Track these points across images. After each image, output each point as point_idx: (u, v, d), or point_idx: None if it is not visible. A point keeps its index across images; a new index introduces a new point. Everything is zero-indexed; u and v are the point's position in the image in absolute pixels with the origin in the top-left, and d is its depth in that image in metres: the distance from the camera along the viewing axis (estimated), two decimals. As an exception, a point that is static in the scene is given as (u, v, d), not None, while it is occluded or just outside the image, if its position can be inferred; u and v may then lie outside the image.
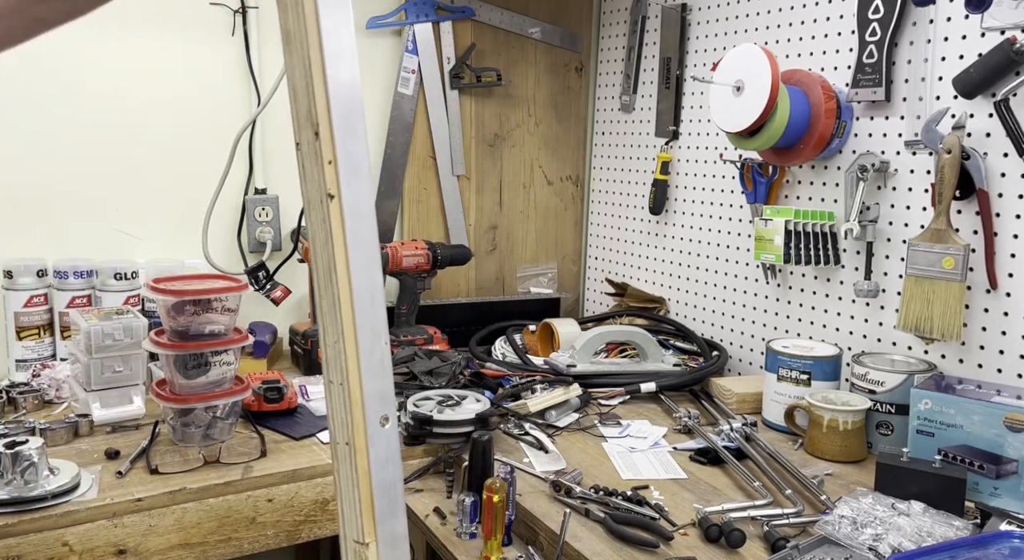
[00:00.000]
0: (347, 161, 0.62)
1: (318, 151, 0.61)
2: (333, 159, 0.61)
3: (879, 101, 1.42)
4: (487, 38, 2.04)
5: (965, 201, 1.30)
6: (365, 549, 0.65)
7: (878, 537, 0.95)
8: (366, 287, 0.63)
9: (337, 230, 0.62)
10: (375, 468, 0.65)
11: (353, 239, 0.62)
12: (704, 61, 1.83)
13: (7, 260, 1.57)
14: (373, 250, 0.63)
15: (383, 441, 0.65)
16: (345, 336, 0.63)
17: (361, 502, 0.65)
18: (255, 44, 1.78)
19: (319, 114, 0.61)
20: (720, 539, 1.01)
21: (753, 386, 1.54)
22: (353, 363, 0.63)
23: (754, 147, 1.51)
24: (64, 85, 1.61)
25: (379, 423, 0.65)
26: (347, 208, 0.62)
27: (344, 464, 0.65)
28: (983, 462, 1.11)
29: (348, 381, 0.63)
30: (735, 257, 1.77)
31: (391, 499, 0.66)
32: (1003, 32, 1.23)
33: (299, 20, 0.60)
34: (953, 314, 1.25)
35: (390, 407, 0.65)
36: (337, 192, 0.62)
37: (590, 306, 2.28)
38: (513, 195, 2.16)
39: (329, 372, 0.65)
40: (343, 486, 0.65)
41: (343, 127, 0.62)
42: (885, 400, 1.30)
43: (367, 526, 0.65)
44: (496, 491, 0.99)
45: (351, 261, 0.62)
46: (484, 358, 1.73)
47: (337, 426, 0.65)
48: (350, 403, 0.64)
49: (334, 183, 0.62)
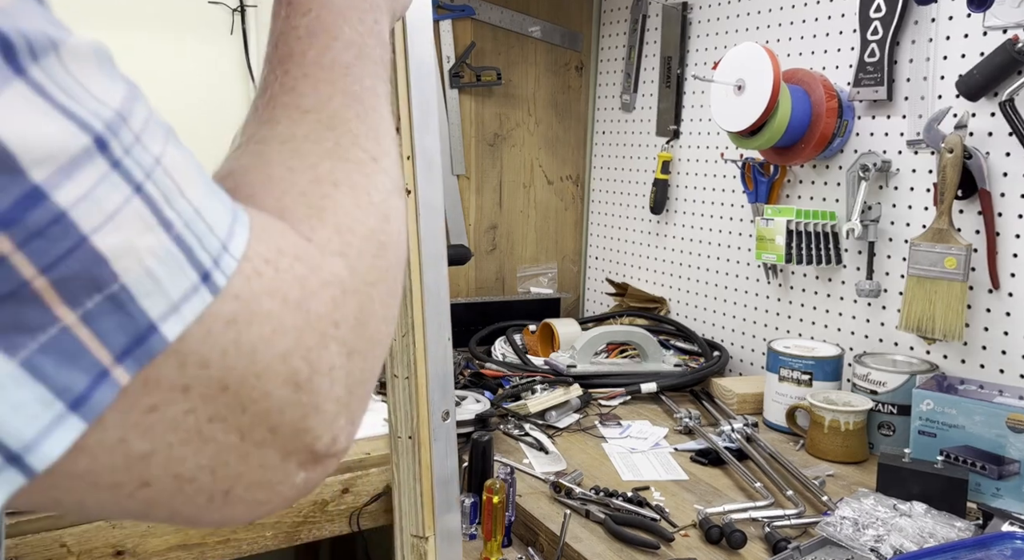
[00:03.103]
0: (424, 156, 0.63)
1: (398, 147, 0.62)
2: (412, 155, 0.63)
3: (881, 100, 1.42)
4: (487, 37, 2.04)
5: (967, 201, 1.29)
6: (424, 543, 0.65)
7: (880, 538, 0.94)
8: (434, 281, 0.64)
9: (412, 224, 0.63)
10: (436, 462, 0.65)
11: (426, 234, 0.64)
12: (705, 60, 1.83)
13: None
14: (441, 244, 0.65)
15: (444, 435, 0.66)
16: (415, 330, 0.64)
17: (422, 496, 0.65)
18: (254, 43, 1.78)
19: (401, 109, 0.62)
20: (721, 540, 1.00)
21: (754, 386, 1.53)
22: (421, 357, 0.64)
23: (755, 146, 1.51)
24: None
25: (440, 417, 0.65)
26: (422, 203, 0.63)
27: (406, 458, 0.65)
28: (985, 463, 1.11)
29: (416, 375, 0.64)
30: (736, 257, 1.76)
31: (448, 493, 0.66)
32: (1005, 31, 1.22)
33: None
34: (955, 314, 1.25)
35: (450, 402, 0.66)
36: (414, 187, 0.63)
37: (590, 306, 2.27)
38: (513, 195, 2.16)
39: (395, 366, 0.65)
40: (403, 480, 0.66)
41: (422, 123, 0.63)
42: (887, 400, 1.29)
43: (427, 520, 0.66)
44: (496, 492, 0.99)
45: (423, 255, 0.63)
46: (484, 358, 1.73)
47: (400, 420, 0.65)
48: (416, 397, 0.64)
49: (411, 178, 0.63)
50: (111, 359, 0.25)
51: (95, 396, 0.25)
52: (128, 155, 0.27)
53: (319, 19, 0.44)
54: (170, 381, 0.27)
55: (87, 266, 0.25)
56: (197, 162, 0.31)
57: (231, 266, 0.29)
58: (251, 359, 0.29)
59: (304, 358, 0.31)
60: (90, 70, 0.27)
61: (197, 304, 0.27)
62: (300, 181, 0.36)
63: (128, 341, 0.26)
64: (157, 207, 0.27)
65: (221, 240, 0.29)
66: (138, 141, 0.27)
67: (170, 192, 0.28)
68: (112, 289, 0.25)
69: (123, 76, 0.30)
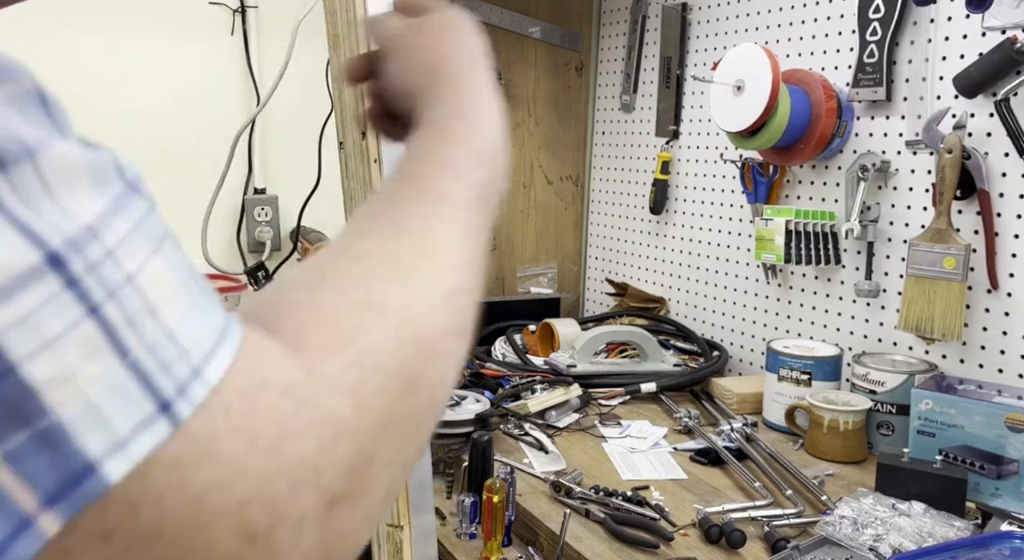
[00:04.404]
0: (389, 160, 0.65)
1: (364, 150, 0.64)
2: (379, 158, 0.65)
3: (880, 100, 1.42)
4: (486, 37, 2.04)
5: (966, 201, 1.29)
6: (399, 532, 0.67)
7: (879, 537, 0.95)
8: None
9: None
10: None
11: None
12: (705, 61, 1.83)
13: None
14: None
15: None
16: None
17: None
18: (254, 44, 1.78)
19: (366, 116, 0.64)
20: (720, 540, 1.00)
21: (753, 386, 1.54)
22: None
23: (754, 147, 1.51)
24: (62, 85, 1.61)
25: None
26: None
27: None
28: (984, 462, 1.11)
29: None
30: (735, 257, 1.77)
31: (423, 486, 0.68)
32: (1004, 31, 1.22)
33: (349, 26, 0.63)
34: (954, 314, 1.25)
35: None
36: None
37: (590, 306, 2.27)
38: (513, 195, 2.16)
39: None
40: None
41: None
42: (886, 400, 1.30)
43: (401, 509, 0.67)
44: (496, 492, 0.99)
45: None
46: (484, 358, 1.73)
47: None
48: None
49: (379, 181, 0.65)
50: (36, 505, 0.22)
51: (13, 549, 0.22)
52: (92, 272, 0.24)
53: (468, 151, 0.43)
54: (89, 525, 0.24)
55: (12, 398, 0.22)
56: (190, 271, 0.28)
57: (199, 395, 0.26)
58: (197, 505, 0.25)
59: (266, 507, 0.27)
60: (71, 182, 0.26)
61: (148, 440, 0.24)
62: (341, 303, 0.33)
63: (59, 483, 0.23)
64: (112, 330, 0.24)
65: (193, 366, 0.26)
66: (109, 256, 0.25)
67: (136, 313, 0.25)
68: (42, 424, 0.22)
69: (125, 187, 0.28)
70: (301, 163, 1.77)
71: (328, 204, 1.63)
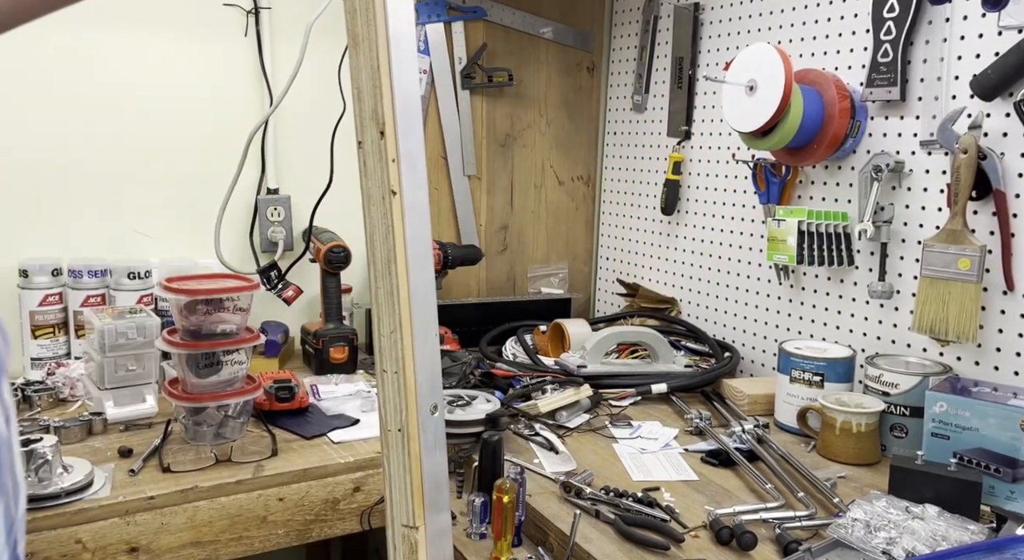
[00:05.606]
0: (408, 159, 0.65)
1: (383, 149, 0.64)
2: (396, 157, 0.64)
3: (894, 101, 1.41)
4: (499, 38, 2.04)
5: (981, 202, 1.28)
6: (415, 532, 0.67)
7: (892, 541, 0.94)
8: (421, 281, 0.66)
9: (398, 225, 0.65)
10: (425, 454, 0.67)
11: (411, 234, 0.66)
12: (717, 60, 1.82)
13: (22, 259, 1.58)
14: (427, 246, 0.67)
15: (432, 428, 0.68)
16: (402, 327, 0.66)
17: (412, 485, 0.67)
18: (268, 44, 1.79)
19: (385, 114, 0.64)
20: (731, 541, 1.00)
21: (765, 387, 1.53)
22: (408, 353, 0.66)
23: (767, 147, 1.51)
24: (79, 86, 1.63)
25: (429, 411, 0.67)
26: (407, 204, 0.65)
27: (395, 450, 0.67)
28: (999, 465, 1.10)
29: (404, 370, 0.66)
30: (748, 258, 1.76)
31: (438, 487, 0.68)
32: (1020, 31, 1.21)
33: (369, 25, 0.63)
34: (969, 316, 1.24)
35: (438, 397, 0.68)
36: (399, 189, 0.65)
37: (601, 307, 2.27)
38: (524, 195, 2.16)
39: (383, 361, 0.67)
40: (394, 472, 0.68)
41: (405, 127, 0.65)
42: (899, 402, 1.29)
43: (417, 510, 0.68)
44: (506, 492, 0.99)
45: (409, 255, 0.66)
46: (495, 358, 1.73)
47: (390, 413, 0.67)
48: (404, 391, 0.66)
49: (396, 180, 0.65)
50: None
51: None
52: None
53: None
54: None
55: None
56: None
57: None
58: None
59: None
60: None
61: None
62: None
63: None
64: None
65: None
66: None
67: None
68: None
69: None
70: (313, 163, 1.77)
71: (340, 204, 1.64)
